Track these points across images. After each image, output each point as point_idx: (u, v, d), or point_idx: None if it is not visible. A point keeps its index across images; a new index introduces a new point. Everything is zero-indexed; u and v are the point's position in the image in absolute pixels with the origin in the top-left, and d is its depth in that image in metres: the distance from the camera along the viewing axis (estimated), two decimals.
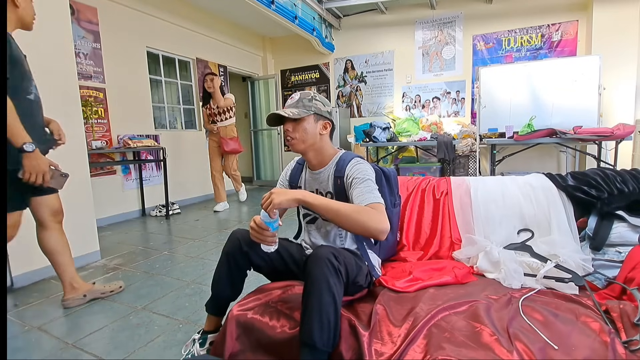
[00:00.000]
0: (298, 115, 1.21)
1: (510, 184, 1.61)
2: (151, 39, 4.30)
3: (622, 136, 3.32)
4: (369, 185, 1.15)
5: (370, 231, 1.05)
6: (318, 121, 1.25)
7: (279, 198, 1.03)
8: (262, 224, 1.07)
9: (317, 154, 1.29)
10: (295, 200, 1.06)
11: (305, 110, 1.22)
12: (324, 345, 0.95)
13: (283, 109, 1.24)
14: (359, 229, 1.06)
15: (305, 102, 1.24)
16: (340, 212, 1.05)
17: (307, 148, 1.26)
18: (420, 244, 1.61)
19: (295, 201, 1.06)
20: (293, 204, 1.06)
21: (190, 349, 1.26)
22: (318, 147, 1.28)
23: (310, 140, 1.25)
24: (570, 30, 4.72)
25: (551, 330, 0.93)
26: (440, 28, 5.36)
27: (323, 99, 1.29)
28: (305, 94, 1.27)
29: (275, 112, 1.23)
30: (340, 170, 1.24)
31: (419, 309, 1.06)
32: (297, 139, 1.24)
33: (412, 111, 5.65)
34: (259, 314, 1.15)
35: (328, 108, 1.29)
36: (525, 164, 4.62)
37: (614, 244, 1.32)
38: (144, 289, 2.11)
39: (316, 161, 1.30)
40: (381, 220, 1.05)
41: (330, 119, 1.29)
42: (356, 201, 1.12)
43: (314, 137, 1.25)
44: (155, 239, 3.13)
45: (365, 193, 1.12)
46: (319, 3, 5.17)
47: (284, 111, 1.22)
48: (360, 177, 1.17)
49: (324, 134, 1.27)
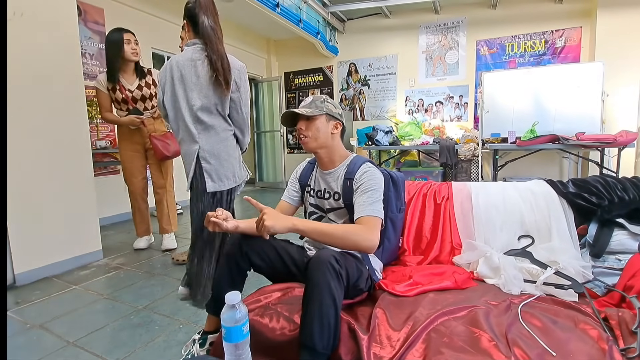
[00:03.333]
0: (311, 113, 1.27)
1: (512, 189, 1.61)
2: (157, 40, 4.33)
3: (625, 143, 3.31)
4: (372, 196, 1.18)
5: (360, 249, 1.14)
6: (329, 121, 1.31)
7: (271, 222, 1.04)
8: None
9: (329, 153, 1.33)
10: (286, 227, 1.08)
11: (317, 110, 1.28)
12: (323, 348, 0.95)
13: (298, 108, 1.30)
14: (351, 247, 1.13)
15: (318, 103, 1.30)
16: (332, 236, 1.10)
17: (319, 146, 1.31)
18: (420, 249, 1.62)
19: (286, 228, 1.08)
20: (284, 230, 1.08)
21: (191, 349, 1.27)
22: (329, 146, 1.32)
23: (322, 138, 1.29)
24: (574, 36, 4.73)
25: (550, 337, 0.93)
26: (444, 33, 5.38)
27: (334, 102, 1.35)
28: (318, 97, 1.33)
29: (290, 110, 1.29)
30: (351, 173, 1.27)
31: (418, 314, 1.06)
32: (310, 137, 1.29)
33: (414, 115, 5.66)
34: (259, 316, 1.16)
35: (339, 110, 1.35)
36: (527, 170, 4.61)
37: (614, 251, 1.32)
38: (145, 289, 2.12)
39: (327, 160, 1.34)
40: (370, 238, 1.11)
41: (341, 120, 1.34)
42: (357, 209, 1.18)
43: (325, 136, 1.30)
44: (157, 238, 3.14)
45: (366, 205, 1.17)
46: (323, 7, 5.20)
47: (299, 109, 1.28)
48: (367, 185, 1.21)
49: (335, 133, 1.32)
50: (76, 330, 1.67)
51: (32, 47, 2.25)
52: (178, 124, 1.74)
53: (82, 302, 1.97)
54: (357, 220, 1.16)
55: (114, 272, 2.42)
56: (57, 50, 2.38)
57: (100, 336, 1.62)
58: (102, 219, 3.23)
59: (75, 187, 2.51)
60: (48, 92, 2.34)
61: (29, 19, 2.21)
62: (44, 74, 2.31)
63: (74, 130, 2.50)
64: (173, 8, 4.46)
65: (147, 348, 1.52)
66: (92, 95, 3.57)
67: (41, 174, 2.30)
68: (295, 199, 1.44)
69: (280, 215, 1.09)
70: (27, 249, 2.22)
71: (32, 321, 1.76)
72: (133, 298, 2.00)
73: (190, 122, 1.68)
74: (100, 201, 2.86)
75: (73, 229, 2.50)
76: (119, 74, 2.59)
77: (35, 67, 2.26)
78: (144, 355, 1.47)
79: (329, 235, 1.10)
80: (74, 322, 1.76)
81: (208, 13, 1.66)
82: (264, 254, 1.23)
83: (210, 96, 1.66)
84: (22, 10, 2.18)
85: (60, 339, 1.60)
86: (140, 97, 2.67)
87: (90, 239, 2.62)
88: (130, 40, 2.56)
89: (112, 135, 3.81)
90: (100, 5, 3.67)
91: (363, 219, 1.15)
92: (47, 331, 1.67)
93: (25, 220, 2.21)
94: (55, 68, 2.37)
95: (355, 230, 1.12)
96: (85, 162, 2.58)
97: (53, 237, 2.37)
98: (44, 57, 2.31)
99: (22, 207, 2.19)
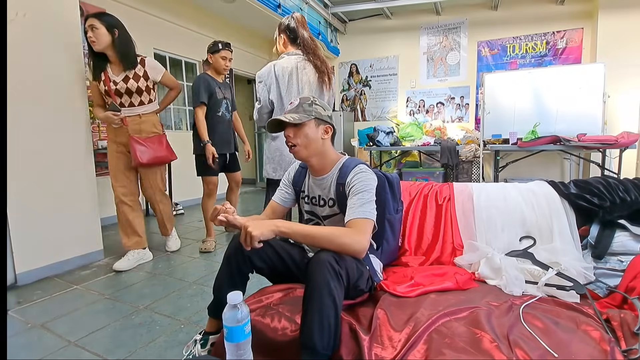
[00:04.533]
0: (299, 120, 1.21)
1: (513, 190, 1.61)
2: (158, 41, 4.34)
3: (626, 144, 3.31)
4: (363, 197, 1.14)
5: (348, 252, 1.07)
6: (319, 126, 1.24)
7: (258, 230, 1.03)
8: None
9: (320, 159, 1.28)
10: (272, 231, 1.06)
11: (305, 115, 1.22)
12: (324, 349, 0.95)
13: (284, 115, 1.24)
14: (338, 250, 1.06)
15: (306, 106, 1.23)
16: (317, 238, 1.07)
17: (310, 155, 1.26)
18: (422, 249, 1.62)
19: (272, 232, 1.06)
20: (271, 234, 1.06)
21: (192, 350, 1.27)
22: (321, 153, 1.27)
23: (312, 146, 1.24)
24: (576, 37, 4.73)
25: (551, 338, 0.93)
26: (445, 34, 5.38)
27: (323, 104, 1.28)
28: (305, 98, 1.26)
29: (276, 118, 1.24)
30: (343, 177, 1.23)
31: (419, 314, 1.06)
32: (300, 145, 1.23)
33: (416, 116, 5.66)
34: (260, 316, 1.16)
35: (328, 112, 1.28)
36: (528, 171, 4.61)
37: (615, 252, 1.32)
38: (146, 289, 2.12)
39: (319, 167, 1.30)
40: (358, 240, 1.07)
41: (331, 123, 1.28)
42: (348, 213, 1.14)
43: (316, 143, 1.24)
44: (158, 239, 3.14)
45: (356, 207, 1.13)
46: (325, 8, 5.21)
47: (284, 116, 1.22)
48: (358, 187, 1.17)
49: (326, 138, 1.26)
50: (77, 330, 1.67)
51: (34, 47, 2.25)
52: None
53: (83, 302, 1.97)
54: (348, 224, 1.13)
55: (115, 272, 2.42)
56: (59, 50, 2.39)
57: (102, 336, 1.62)
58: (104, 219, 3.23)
59: (76, 187, 2.51)
60: (50, 92, 2.34)
61: (32, 19, 2.22)
62: (46, 74, 2.32)
63: (75, 130, 2.50)
64: (175, 9, 4.47)
65: (148, 348, 1.52)
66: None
67: (43, 173, 2.30)
68: (287, 200, 1.40)
69: (262, 222, 1.07)
70: (28, 249, 2.23)
71: (34, 321, 1.77)
72: (134, 298, 2.00)
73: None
74: (102, 201, 2.86)
75: (74, 229, 2.50)
76: (107, 64, 2.35)
77: (38, 67, 2.27)
78: (145, 355, 1.47)
79: (313, 237, 1.07)
80: (75, 322, 1.76)
81: (304, 28, 2.05)
82: (264, 255, 1.23)
83: (317, 95, 2.03)
84: (25, 11, 2.18)
85: (61, 338, 1.61)
86: (125, 90, 2.34)
87: (91, 239, 2.62)
88: (91, 26, 2.23)
89: None
90: (102, 5, 3.68)
91: (353, 221, 1.11)
92: (49, 331, 1.68)
93: (27, 220, 2.22)
94: (57, 68, 2.38)
95: (341, 233, 1.08)
96: (87, 162, 2.58)
97: (54, 237, 2.37)
98: (46, 56, 2.32)
99: (24, 206, 2.19)
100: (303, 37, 2.03)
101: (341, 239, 1.06)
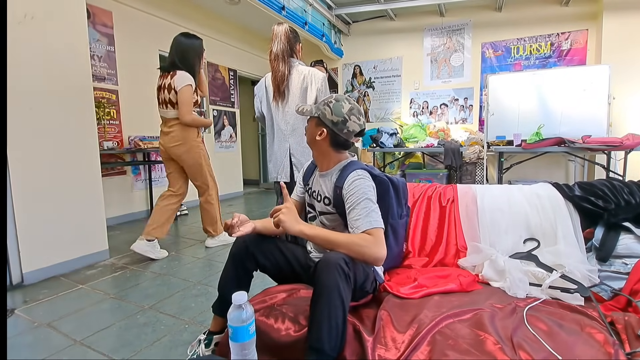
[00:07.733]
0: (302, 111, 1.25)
1: (517, 192, 1.61)
2: (164, 42, 4.34)
3: (632, 146, 3.29)
4: (367, 207, 1.12)
5: (367, 261, 1.09)
6: (319, 126, 1.23)
7: (285, 218, 1.09)
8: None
9: (319, 155, 1.30)
10: (295, 231, 1.11)
11: (313, 110, 1.24)
12: (331, 350, 0.95)
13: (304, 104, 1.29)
14: (357, 257, 1.07)
15: (321, 104, 1.24)
16: (337, 244, 1.08)
17: (310, 145, 1.31)
18: (425, 251, 1.62)
19: (294, 232, 1.11)
20: (292, 232, 1.11)
21: (196, 349, 1.28)
22: (318, 150, 1.29)
23: (309, 139, 1.29)
24: (580, 39, 4.71)
25: (555, 341, 0.93)
26: (449, 35, 5.37)
27: (337, 109, 1.20)
28: (329, 96, 1.25)
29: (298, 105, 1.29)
30: (341, 181, 1.21)
31: (423, 316, 1.06)
32: (306, 133, 1.30)
33: (419, 117, 5.65)
34: (265, 316, 1.16)
35: (334, 118, 1.19)
36: (533, 173, 4.59)
37: (620, 255, 1.31)
38: (151, 289, 2.14)
39: (319, 162, 1.33)
40: (378, 250, 1.07)
41: (329, 128, 1.21)
42: (353, 225, 1.12)
43: (311, 139, 1.27)
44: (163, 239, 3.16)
45: (362, 217, 1.11)
46: (328, 9, 5.22)
47: (299, 105, 1.27)
48: (357, 197, 1.14)
49: (319, 140, 1.24)
50: (83, 329, 1.69)
51: (42, 49, 2.28)
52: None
53: (88, 301, 1.99)
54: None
55: (120, 271, 2.44)
56: (67, 52, 2.42)
57: (107, 335, 1.64)
58: (109, 219, 3.26)
59: (82, 187, 2.54)
60: (57, 94, 2.37)
61: (39, 21, 2.25)
62: (53, 76, 2.35)
63: (82, 131, 2.53)
64: (180, 11, 4.51)
65: (153, 347, 1.53)
66: (100, 97, 3.62)
67: (49, 174, 2.33)
68: (302, 196, 1.42)
69: (295, 218, 1.11)
70: (35, 248, 2.25)
71: (40, 320, 1.79)
72: (139, 298, 2.02)
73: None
74: (107, 201, 2.89)
75: (80, 229, 2.52)
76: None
77: (45, 69, 2.30)
78: (150, 354, 1.48)
79: (333, 244, 1.08)
80: (80, 321, 1.78)
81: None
82: (269, 253, 1.25)
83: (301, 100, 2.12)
84: (33, 13, 2.21)
85: (67, 337, 1.62)
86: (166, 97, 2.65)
87: (97, 239, 2.64)
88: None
89: (119, 137, 3.85)
90: (109, 8, 3.72)
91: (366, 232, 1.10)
92: (55, 330, 1.69)
93: (34, 220, 2.24)
94: (65, 70, 2.41)
95: (360, 242, 1.07)
96: (93, 162, 2.61)
97: (60, 237, 2.40)
98: (54, 58, 2.35)
99: (30, 206, 2.22)
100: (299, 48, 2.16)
101: (362, 249, 1.06)
